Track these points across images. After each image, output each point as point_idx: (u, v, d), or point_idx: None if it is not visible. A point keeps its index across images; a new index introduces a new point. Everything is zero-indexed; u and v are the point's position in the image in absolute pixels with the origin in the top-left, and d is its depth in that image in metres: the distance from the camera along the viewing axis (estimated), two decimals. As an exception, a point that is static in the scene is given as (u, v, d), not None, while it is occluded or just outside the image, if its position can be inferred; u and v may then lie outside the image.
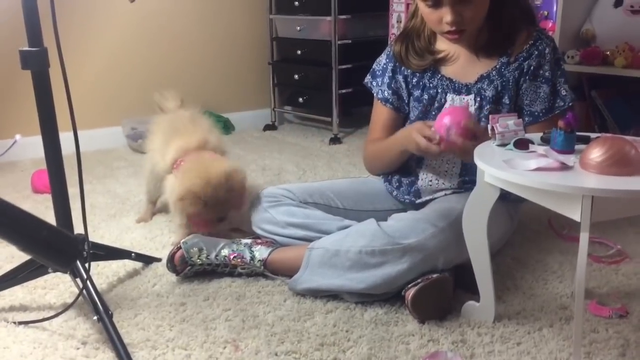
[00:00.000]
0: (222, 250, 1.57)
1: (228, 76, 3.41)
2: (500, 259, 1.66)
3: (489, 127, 1.31)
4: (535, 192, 1.11)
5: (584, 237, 1.04)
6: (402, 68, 1.65)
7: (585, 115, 2.20)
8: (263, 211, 1.65)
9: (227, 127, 3.35)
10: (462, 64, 1.59)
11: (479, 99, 1.56)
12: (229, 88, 3.43)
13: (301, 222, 1.61)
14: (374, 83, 1.73)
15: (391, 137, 1.65)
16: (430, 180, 1.65)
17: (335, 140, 3.12)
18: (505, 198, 1.66)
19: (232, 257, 1.56)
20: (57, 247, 1.25)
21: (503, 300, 1.44)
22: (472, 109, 1.57)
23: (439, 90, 1.60)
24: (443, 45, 1.61)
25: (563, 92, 1.53)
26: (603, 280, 1.55)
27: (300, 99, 3.34)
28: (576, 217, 1.04)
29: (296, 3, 3.17)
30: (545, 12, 2.38)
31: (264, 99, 3.52)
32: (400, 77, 1.66)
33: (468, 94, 1.58)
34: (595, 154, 1.08)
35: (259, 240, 1.62)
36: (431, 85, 1.61)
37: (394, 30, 3.01)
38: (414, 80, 1.64)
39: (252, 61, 3.47)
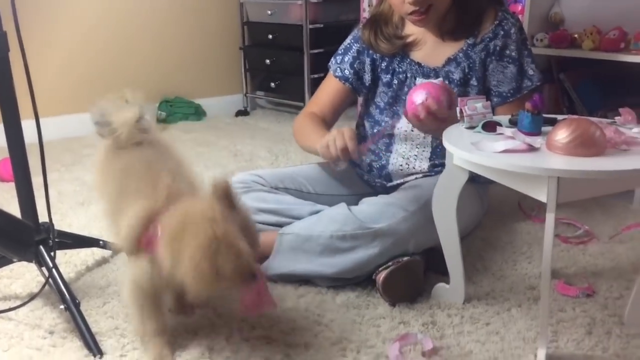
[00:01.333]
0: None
1: (199, 62, 3.37)
2: (470, 241, 1.67)
3: (458, 109, 1.31)
4: (502, 173, 1.12)
5: (550, 217, 1.05)
6: (371, 52, 1.64)
7: (554, 98, 2.22)
8: (234, 197, 1.64)
9: (198, 113, 3.32)
10: (429, 48, 1.59)
11: (447, 82, 1.56)
12: (200, 74, 3.39)
13: (272, 208, 1.60)
14: (334, 61, 1.72)
15: (318, 133, 1.61)
16: (401, 165, 1.65)
17: (308, 125, 3.10)
18: (475, 181, 1.68)
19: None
20: (14, 236, 1.22)
21: (473, 281, 1.45)
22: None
23: (408, 75, 1.60)
24: (411, 29, 1.61)
25: (530, 72, 1.54)
26: (570, 260, 1.57)
27: (272, 84, 3.31)
28: (542, 198, 1.05)
29: (267, -13, 3.14)
30: (515, -4, 2.39)
31: (235, 84, 3.49)
32: (367, 60, 1.65)
33: (436, 77, 1.58)
34: (561, 135, 1.08)
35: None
36: (400, 69, 1.61)
37: (366, 14, 2.99)
38: (382, 65, 1.63)
39: (223, 46, 3.43)
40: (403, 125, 1.64)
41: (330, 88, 1.72)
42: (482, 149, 1.13)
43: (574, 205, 1.93)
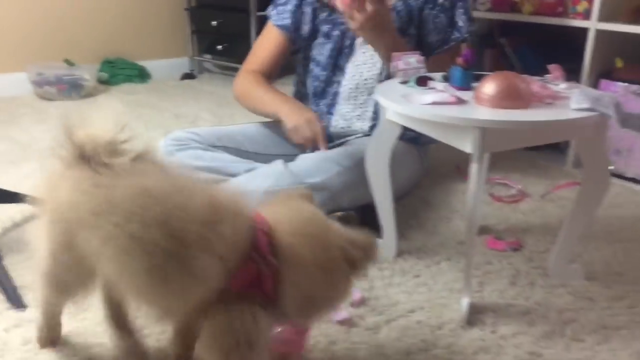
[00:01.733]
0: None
1: (143, 22, 3.28)
2: (408, 200, 1.69)
3: (392, 64, 1.31)
4: (430, 125, 1.12)
5: (475, 168, 1.06)
6: (311, 0, 1.62)
7: (495, 62, 2.24)
8: (169, 155, 1.61)
9: (142, 75, 3.23)
10: None
11: None
12: (144, 35, 3.30)
13: (208, 166, 1.57)
14: (275, 11, 1.68)
15: (273, 97, 1.63)
16: (342, 127, 1.66)
17: (254, 89, 3.06)
18: (416, 142, 1.69)
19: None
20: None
21: (406, 237, 1.47)
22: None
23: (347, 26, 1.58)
24: None
25: (460, 24, 1.55)
26: (502, 217, 1.61)
27: (219, 47, 3.25)
28: (468, 148, 1.06)
29: (212, -55, 3.06)
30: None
31: (181, 47, 3.41)
32: (308, 9, 1.63)
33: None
34: (488, 88, 1.10)
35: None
36: (341, 20, 1.59)
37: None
38: (323, 14, 1.62)
39: (167, 6, 3.33)
40: (348, 82, 1.64)
41: (268, 42, 1.69)
42: (411, 102, 1.13)
43: (509, 167, 1.97)
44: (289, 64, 1.80)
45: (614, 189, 1.81)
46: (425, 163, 1.78)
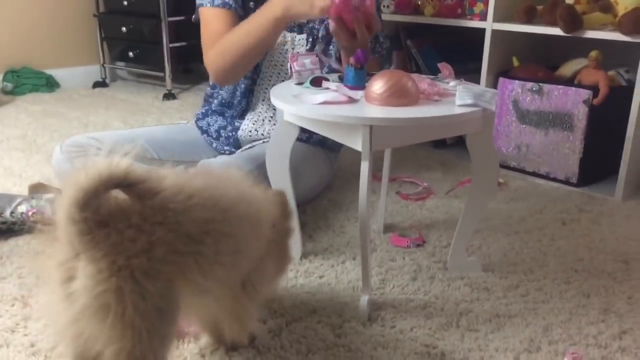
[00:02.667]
0: (18, 207, 1.45)
1: (49, 29, 3.15)
2: (317, 201, 1.70)
3: (289, 66, 1.31)
4: (322, 124, 1.13)
5: (365, 165, 1.08)
6: None
7: (403, 64, 2.29)
8: (66, 162, 1.54)
9: (50, 84, 3.11)
10: None
11: (310, 38, 1.57)
12: (51, 42, 3.18)
13: (108, 173, 1.53)
14: None
15: (251, 17, 1.44)
16: (250, 131, 1.64)
17: (169, 96, 3.01)
18: (323, 145, 1.70)
19: (30, 213, 1.45)
20: None
21: (313, 238, 1.47)
22: (303, 49, 1.58)
23: None
24: None
25: (381, 39, 1.59)
26: (408, 215, 1.64)
27: (131, 54, 3.17)
28: (358, 146, 1.07)
29: (119, -51, 2.98)
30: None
31: (91, 54, 3.30)
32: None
33: (300, 33, 1.58)
34: (377, 86, 1.11)
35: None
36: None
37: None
38: (250, 3, 1.55)
39: (75, 13, 3.22)
40: (263, 82, 1.62)
41: (220, 22, 1.52)
42: (303, 102, 1.13)
43: (417, 165, 2.01)
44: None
45: (514, 182, 1.89)
46: (334, 165, 1.80)
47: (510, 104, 1.91)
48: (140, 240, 0.73)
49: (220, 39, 1.47)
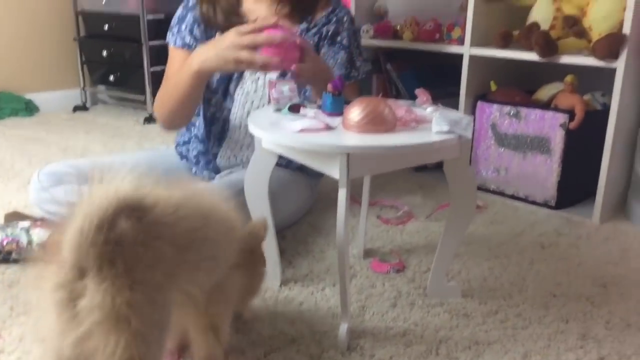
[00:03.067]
0: (-8, 236, 1.43)
1: (29, 53, 3.14)
2: (298, 226, 1.69)
3: (267, 92, 1.31)
4: (300, 152, 1.13)
5: (342, 192, 1.07)
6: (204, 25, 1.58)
7: (383, 87, 2.30)
8: (43, 190, 1.53)
9: (30, 108, 3.09)
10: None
11: None
12: (31, 66, 3.16)
13: (86, 201, 1.51)
14: (171, 34, 1.63)
15: (181, 67, 1.48)
16: (229, 157, 1.64)
17: (149, 119, 3.00)
18: (304, 170, 1.70)
19: (5, 242, 1.43)
20: None
21: (293, 265, 1.47)
22: (274, 75, 1.57)
23: None
24: (250, 4, 1.59)
25: (358, 64, 1.60)
26: (388, 239, 1.63)
27: (112, 77, 3.16)
28: (336, 174, 1.07)
29: (100, -26, 2.99)
30: (345, -12, 2.46)
31: (72, 78, 3.29)
32: (202, 30, 1.59)
33: None
34: (354, 113, 1.12)
35: (39, 222, 1.50)
36: None
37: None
38: (212, 36, 1.58)
39: (55, 37, 3.21)
40: (238, 110, 1.62)
41: (176, 59, 1.60)
42: (281, 129, 1.13)
43: (397, 188, 2.02)
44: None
45: (494, 206, 1.90)
46: (315, 190, 1.79)
47: (488, 128, 1.93)
48: (147, 255, 0.78)
49: (160, 91, 1.56)
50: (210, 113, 1.64)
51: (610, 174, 1.73)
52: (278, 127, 1.14)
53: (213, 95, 1.63)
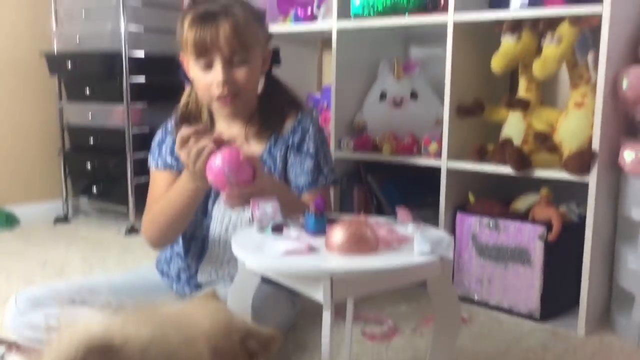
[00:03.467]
0: (-36, 362, 1.38)
1: (12, 166, 3.16)
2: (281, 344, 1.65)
3: (250, 212, 1.33)
4: (283, 275, 1.13)
5: (327, 315, 1.07)
6: None
7: (364, 199, 2.34)
8: (20, 314, 1.49)
9: (10, 221, 3.07)
10: (240, 145, 1.62)
11: None
12: (13, 179, 3.17)
13: (65, 324, 1.47)
14: (152, 158, 1.69)
15: (175, 183, 1.52)
16: (210, 274, 1.63)
17: (132, 230, 3.00)
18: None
19: (-23, 368, 1.38)
20: None
21: (277, 387, 1.42)
22: None
23: None
24: (221, 126, 1.65)
25: (325, 171, 1.63)
26: (374, 356, 1.60)
27: (95, 189, 3.18)
28: (320, 297, 1.07)
29: (87, 91, 3.07)
30: (325, 104, 2.55)
31: (54, 189, 3.30)
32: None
33: None
34: (336, 235, 1.13)
35: (17, 348, 1.46)
36: None
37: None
38: None
39: (40, 150, 3.26)
40: (216, 226, 1.63)
41: (159, 180, 1.65)
42: (265, 252, 1.14)
43: (382, 301, 2.00)
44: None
45: (479, 318, 1.88)
46: (297, 305, 1.77)
47: (469, 239, 1.95)
48: None
49: (149, 211, 1.58)
50: (190, 231, 1.65)
51: (591, 285, 1.74)
52: (261, 250, 1.15)
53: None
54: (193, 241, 1.66)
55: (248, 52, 1.53)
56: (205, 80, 1.54)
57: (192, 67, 1.56)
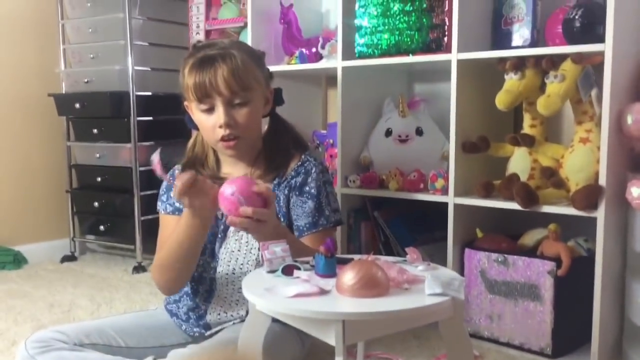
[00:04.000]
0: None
1: (20, 206, 3.18)
2: (291, 385, 1.64)
3: (260, 254, 1.34)
4: (295, 318, 1.13)
5: (339, 361, 1.06)
6: None
7: (371, 235, 2.35)
8: (30, 359, 1.49)
9: (17, 261, 3.08)
10: None
11: None
12: (22, 219, 3.19)
13: (74, 368, 1.47)
14: (160, 203, 1.70)
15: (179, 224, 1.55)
16: (219, 314, 1.63)
17: (139, 268, 2.99)
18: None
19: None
20: None
21: None
22: None
23: (223, 214, 1.58)
24: (228, 169, 1.66)
25: (327, 213, 1.62)
26: (385, 397, 1.59)
27: (102, 227, 3.19)
28: (332, 341, 1.07)
29: (95, 130, 3.11)
30: (331, 140, 2.57)
31: (62, 228, 3.31)
32: None
33: None
34: (347, 278, 1.13)
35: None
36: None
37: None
38: None
39: (48, 189, 3.28)
40: (223, 268, 1.63)
41: (167, 225, 1.66)
42: (275, 294, 1.14)
43: (390, 338, 1.98)
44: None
45: (490, 355, 1.87)
46: (306, 342, 1.76)
47: (478, 274, 1.95)
48: None
49: (159, 258, 1.59)
50: (198, 273, 1.65)
51: (602, 321, 1.73)
52: (272, 292, 1.15)
53: (200, 257, 1.64)
54: (201, 283, 1.66)
55: (248, 93, 1.56)
56: (208, 123, 1.56)
57: (196, 112, 1.59)
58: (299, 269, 1.28)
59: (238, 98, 1.54)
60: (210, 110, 1.55)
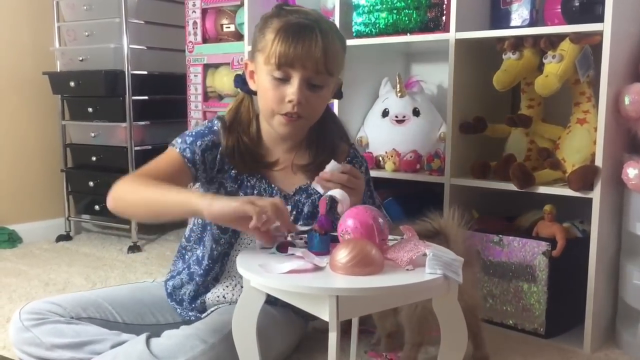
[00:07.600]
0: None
1: (14, 185, 3.17)
2: (286, 365, 1.64)
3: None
4: (289, 294, 1.13)
5: (333, 336, 1.06)
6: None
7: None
8: (24, 330, 1.46)
9: (12, 240, 3.07)
10: (283, 172, 1.58)
11: (295, 212, 1.56)
12: (16, 198, 3.18)
13: (69, 342, 1.45)
14: (181, 140, 1.52)
15: (177, 188, 1.40)
16: (219, 296, 1.60)
17: (134, 248, 2.99)
18: (293, 307, 1.66)
19: (-20, 390, 1.37)
20: None
21: (282, 407, 1.41)
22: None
23: (255, 192, 1.55)
24: (268, 142, 1.58)
25: (377, 202, 1.65)
26: (379, 375, 1.59)
27: (97, 207, 3.18)
28: (325, 316, 1.07)
29: (90, 109, 3.09)
30: (327, 121, 2.56)
31: (57, 208, 3.30)
32: (218, 157, 1.54)
33: (286, 204, 1.47)
34: (341, 255, 1.13)
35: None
36: (249, 184, 1.55)
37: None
38: (232, 172, 1.55)
39: (42, 169, 3.26)
40: (243, 247, 1.58)
41: (171, 161, 1.50)
42: (269, 270, 1.14)
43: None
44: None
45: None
46: (304, 327, 1.75)
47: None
48: None
49: (138, 180, 1.46)
50: (218, 252, 1.60)
51: (596, 302, 1.73)
52: (266, 269, 1.15)
53: (223, 235, 1.58)
54: (217, 263, 1.60)
55: (328, 78, 1.47)
56: (276, 92, 1.44)
57: (264, 76, 1.45)
58: (293, 245, 1.28)
59: (318, 80, 1.44)
60: (284, 80, 1.43)
